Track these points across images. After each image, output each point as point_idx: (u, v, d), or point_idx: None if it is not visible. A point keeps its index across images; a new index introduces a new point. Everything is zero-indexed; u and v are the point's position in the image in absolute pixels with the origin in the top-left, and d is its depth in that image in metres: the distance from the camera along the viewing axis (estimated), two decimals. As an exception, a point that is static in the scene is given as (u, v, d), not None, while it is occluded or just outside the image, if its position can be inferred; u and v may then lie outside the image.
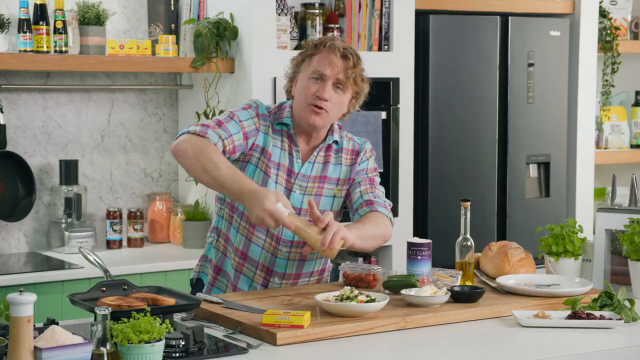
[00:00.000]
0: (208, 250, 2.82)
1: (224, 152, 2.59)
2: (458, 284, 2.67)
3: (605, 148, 5.11)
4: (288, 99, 2.80)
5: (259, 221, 2.44)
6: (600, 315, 2.42)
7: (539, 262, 2.99)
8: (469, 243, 2.75)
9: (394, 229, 2.79)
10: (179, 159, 2.57)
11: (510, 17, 4.45)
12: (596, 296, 2.55)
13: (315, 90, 2.64)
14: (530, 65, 4.51)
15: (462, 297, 2.55)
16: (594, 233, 3.01)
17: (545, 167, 4.62)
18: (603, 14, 4.95)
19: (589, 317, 2.40)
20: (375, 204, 2.74)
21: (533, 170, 4.61)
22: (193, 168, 2.54)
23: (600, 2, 4.93)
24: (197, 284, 2.83)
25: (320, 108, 2.64)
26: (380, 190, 2.81)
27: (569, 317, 2.42)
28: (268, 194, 2.43)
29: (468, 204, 2.75)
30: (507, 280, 2.72)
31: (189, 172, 2.60)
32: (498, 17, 4.42)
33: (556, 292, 2.62)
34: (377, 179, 2.84)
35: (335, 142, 2.77)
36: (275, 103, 3.78)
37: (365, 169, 2.80)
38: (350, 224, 2.63)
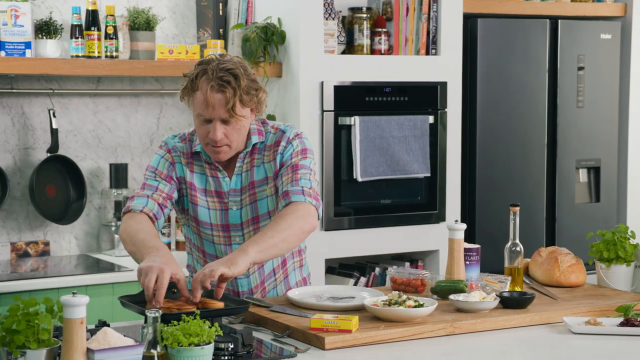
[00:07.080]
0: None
1: (160, 205, 2.55)
2: (507, 290, 2.65)
3: (657, 152, 5.03)
4: None
5: (142, 272, 2.26)
6: (653, 323, 2.39)
7: (590, 268, 2.96)
8: (518, 248, 2.73)
9: (441, 234, 2.76)
10: None
11: (560, 21, 4.40)
12: (649, 303, 2.51)
13: (207, 133, 2.52)
14: (580, 68, 4.46)
15: (511, 302, 2.52)
16: (646, 239, 2.97)
17: (595, 171, 4.56)
18: (655, 16, 4.87)
19: (642, 324, 2.37)
20: (291, 193, 2.52)
21: (583, 175, 4.55)
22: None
23: (652, 5, 4.86)
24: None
25: (219, 146, 2.53)
26: (305, 174, 2.57)
27: (622, 324, 2.38)
28: (167, 261, 2.28)
29: (517, 208, 2.72)
30: None
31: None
32: (547, 20, 4.38)
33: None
34: (305, 162, 2.59)
35: (259, 143, 2.62)
36: (322, 107, 3.81)
37: (290, 155, 2.59)
38: (253, 237, 2.44)
